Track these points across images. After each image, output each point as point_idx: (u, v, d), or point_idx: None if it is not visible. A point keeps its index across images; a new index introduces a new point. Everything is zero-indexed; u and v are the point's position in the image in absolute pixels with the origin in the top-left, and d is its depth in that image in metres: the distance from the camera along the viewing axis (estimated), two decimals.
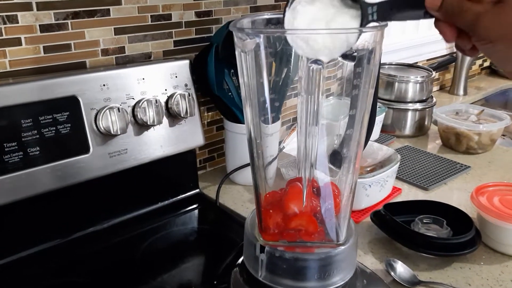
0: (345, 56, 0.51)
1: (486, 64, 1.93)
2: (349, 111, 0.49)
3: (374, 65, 0.47)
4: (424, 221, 0.80)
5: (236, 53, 0.47)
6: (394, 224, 0.77)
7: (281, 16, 0.46)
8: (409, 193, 0.97)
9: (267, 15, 0.50)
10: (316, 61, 0.43)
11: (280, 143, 0.92)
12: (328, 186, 0.51)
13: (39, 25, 0.73)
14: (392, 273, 0.70)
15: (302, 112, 0.51)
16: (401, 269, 0.71)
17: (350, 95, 0.50)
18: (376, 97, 0.52)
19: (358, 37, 0.44)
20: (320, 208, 0.51)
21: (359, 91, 0.48)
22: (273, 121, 0.54)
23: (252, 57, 0.46)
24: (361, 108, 0.48)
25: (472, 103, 1.55)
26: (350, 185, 0.52)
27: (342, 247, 0.51)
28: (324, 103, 0.50)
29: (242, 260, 0.58)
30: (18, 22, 0.71)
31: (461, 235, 0.74)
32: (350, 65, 0.52)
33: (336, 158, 0.54)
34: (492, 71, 1.95)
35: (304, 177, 0.49)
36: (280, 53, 0.49)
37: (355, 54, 0.50)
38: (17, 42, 0.72)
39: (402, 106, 1.25)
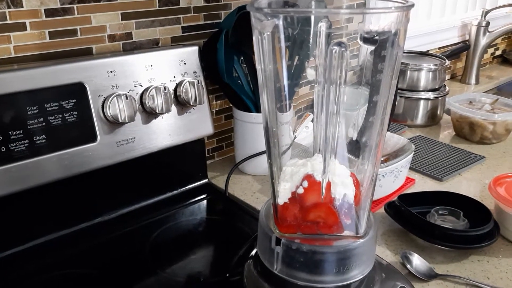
0: (366, 39, 0.48)
1: (498, 52, 1.89)
2: (371, 98, 0.46)
3: (399, 49, 0.45)
4: (440, 213, 0.78)
5: (254, 37, 0.44)
6: (410, 216, 0.75)
7: None
8: (423, 184, 0.94)
9: None
10: (339, 43, 0.40)
11: (292, 132, 0.89)
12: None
13: (44, 10, 0.71)
14: (408, 266, 0.68)
15: (319, 99, 0.49)
16: (417, 261, 0.69)
17: (371, 81, 0.47)
18: (397, 85, 0.50)
19: None
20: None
21: (382, 76, 0.45)
22: (288, 109, 0.52)
23: (269, 40, 0.43)
24: (384, 95, 0.46)
25: (484, 92, 1.52)
26: (371, 175, 0.50)
27: (362, 240, 0.49)
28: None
29: (256, 252, 0.56)
30: (22, 6, 0.69)
31: (480, 227, 0.71)
32: (367, 53, 0.50)
33: (354, 147, 0.52)
34: (504, 60, 1.91)
35: (324, 167, 0.46)
36: (297, 36, 0.46)
37: (376, 37, 0.47)
38: (21, 27, 0.69)
39: (414, 95, 1.22)
